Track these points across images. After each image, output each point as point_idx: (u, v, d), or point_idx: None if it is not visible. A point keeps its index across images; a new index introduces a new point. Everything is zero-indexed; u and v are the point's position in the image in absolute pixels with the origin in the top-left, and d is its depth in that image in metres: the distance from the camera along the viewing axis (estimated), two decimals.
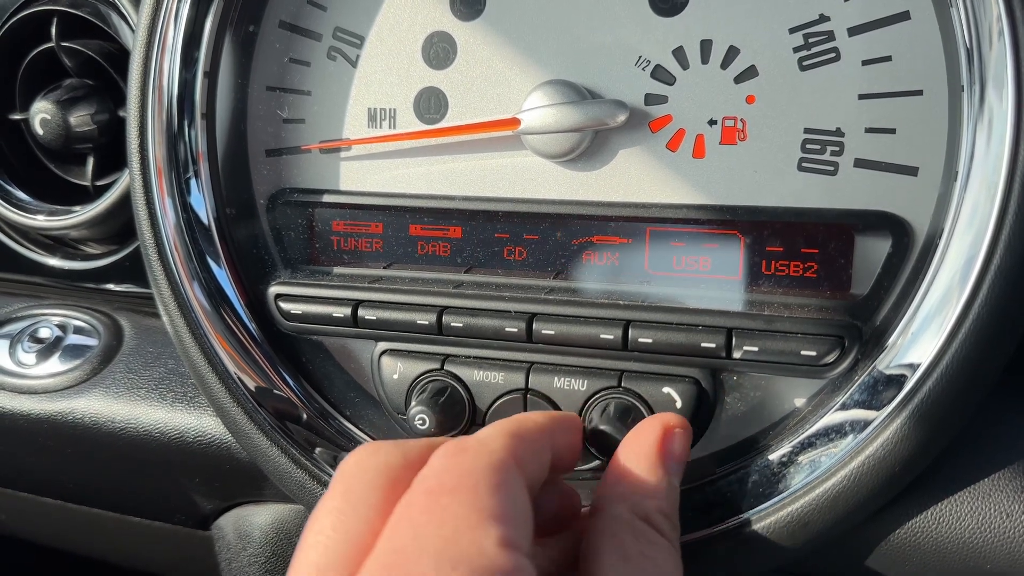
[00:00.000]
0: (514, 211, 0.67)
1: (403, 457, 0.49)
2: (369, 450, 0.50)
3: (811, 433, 0.59)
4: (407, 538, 0.42)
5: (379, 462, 0.48)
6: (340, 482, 0.48)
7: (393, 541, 0.42)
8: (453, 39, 0.68)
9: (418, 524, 0.42)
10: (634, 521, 0.50)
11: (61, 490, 0.96)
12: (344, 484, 0.48)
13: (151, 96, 0.70)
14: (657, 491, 0.53)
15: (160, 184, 0.70)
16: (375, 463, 0.48)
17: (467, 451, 0.46)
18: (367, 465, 0.48)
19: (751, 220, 0.62)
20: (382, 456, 0.49)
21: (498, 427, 0.51)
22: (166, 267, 0.71)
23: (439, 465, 0.46)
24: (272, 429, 0.71)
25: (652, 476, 0.53)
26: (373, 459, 0.48)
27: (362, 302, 0.67)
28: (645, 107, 0.64)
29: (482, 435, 0.50)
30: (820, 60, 0.60)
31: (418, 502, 0.44)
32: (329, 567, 0.44)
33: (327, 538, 0.45)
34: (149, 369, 0.87)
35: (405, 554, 0.41)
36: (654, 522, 0.50)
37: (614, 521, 0.50)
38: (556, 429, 0.54)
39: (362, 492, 0.47)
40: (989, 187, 0.54)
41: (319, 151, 0.72)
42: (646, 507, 0.51)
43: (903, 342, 0.56)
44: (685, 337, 0.60)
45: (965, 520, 0.59)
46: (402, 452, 0.49)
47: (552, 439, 0.53)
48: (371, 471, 0.48)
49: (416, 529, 0.42)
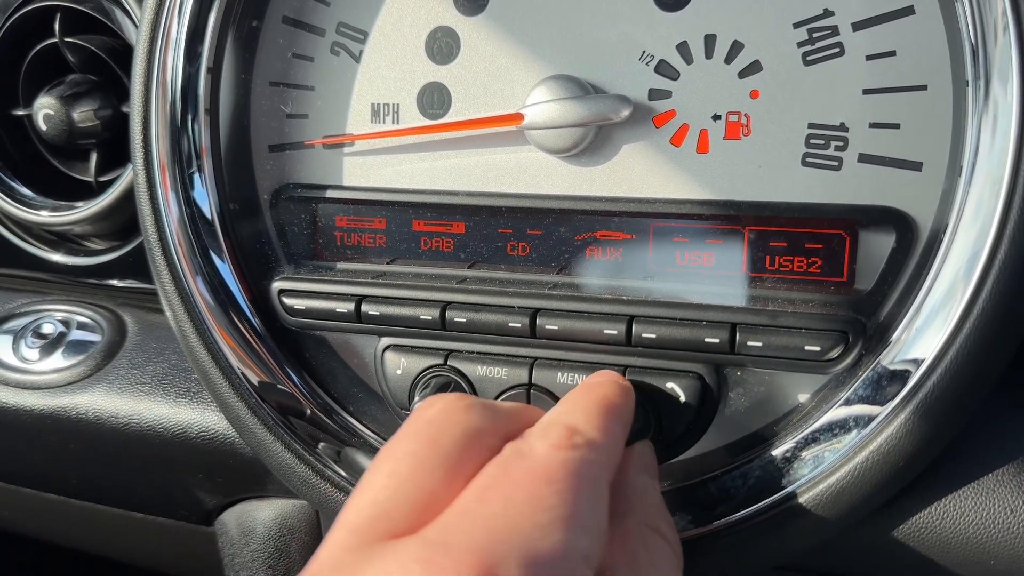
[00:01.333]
0: (517, 206, 0.67)
1: (492, 421, 0.47)
2: (457, 402, 0.48)
3: (815, 428, 0.59)
4: (498, 511, 0.40)
5: (469, 418, 0.46)
6: (424, 428, 0.46)
7: (482, 506, 0.40)
8: (456, 34, 0.68)
9: (514, 502, 0.40)
10: (646, 532, 0.49)
11: (64, 486, 0.96)
12: (428, 431, 0.45)
13: (154, 91, 0.70)
14: (659, 499, 0.53)
15: (163, 179, 0.70)
16: (464, 419, 0.46)
17: (579, 448, 0.45)
18: (456, 418, 0.46)
19: (755, 215, 0.62)
20: (473, 413, 0.47)
21: (604, 419, 0.50)
22: (169, 262, 0.71)
23: (547, 452, 0.44)
24: (275, 424, 0.71)
25: (654, 486, 0.54)
26: (462, 414, 0.47)
27: (365, 297, 0.67)
28: (649, 102, 0.64)
29: (588, 428, 0.48)
30: (824, 55, 0.60)
31: (519, 479, 0.42)
32: (396, 511, 0.41)
33: (400, 481, 0.43)
34: (152, 365, 0.87)
35: (493, 527, 0.39)
36: (662, 530, 0.50)
37: (629, 536, 0.49)
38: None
39: (447, 444, 0.45)
40: (994, 182, 0.53)
41: (322, 146, 0.72)
42: (653, 516, 0.51)
43: (907, 337, 0.56)
44: (689, 332, 0.60)
45: (969, 516, 0.59)
46: (491, 415, 0.48)
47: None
48: (459, 425, 0.46)
49: (510, 506, 0.40)
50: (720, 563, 0.61)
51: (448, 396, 0.49)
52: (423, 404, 0.49)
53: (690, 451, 0.63)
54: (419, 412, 0.48)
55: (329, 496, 0.71)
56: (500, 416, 0.48)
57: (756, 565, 0.62)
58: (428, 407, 0.48)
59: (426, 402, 0.49)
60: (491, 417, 0.48)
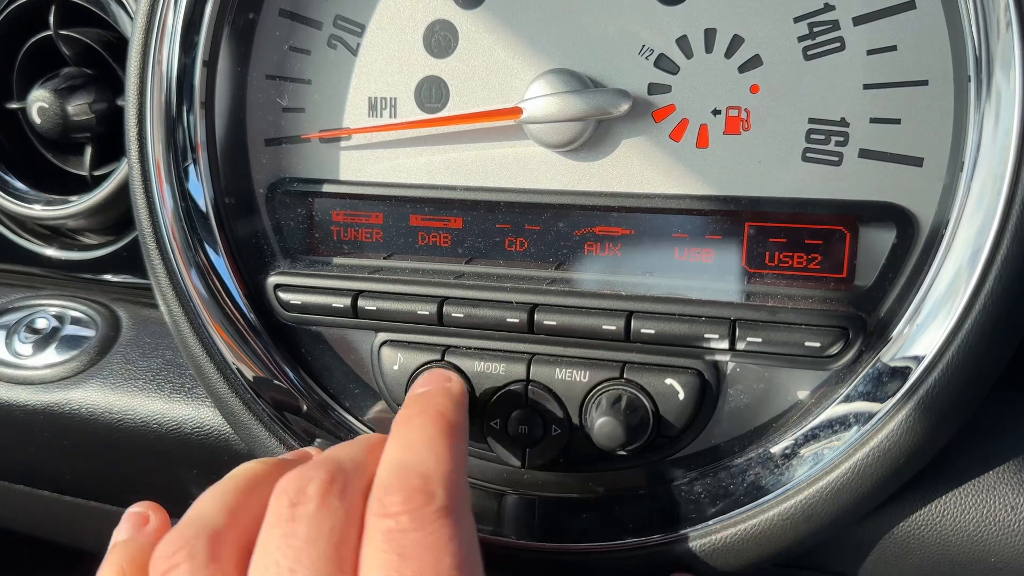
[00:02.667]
0: (515, 201, 0.67)
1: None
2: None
3: (814, 425, 0.59)
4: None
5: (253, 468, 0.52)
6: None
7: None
8: (455, 27, 0.67)
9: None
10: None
11: (57, 482, 0.96)
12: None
13: (150, 84, 0.69)
14: None
15: (158, 172, 0.70)
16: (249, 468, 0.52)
17: (439, 517, 0.46)
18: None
19: (754, 210, 0.62)
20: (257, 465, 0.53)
21: (449, 448, 0.50)
22: (164, 256, 0.71)
23: (417, 538, 0.45)
24: (271, 420, 0.71)
25: None
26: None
27: (362, 292, 0.66)
28: (648, 96, 0.63)
29: (438, 474, 0.48)
30: (825, 49, 0.60)
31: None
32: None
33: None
34: (147, 360, 0.86)
35: None
36: None
37: None
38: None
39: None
40: (995, 178, 0.53)
41: (319, 140, 0.72)
42: None
43: (908, 334, 0.56)
44: (688, 328, 0.59)
45: (969, 513, 0.59)
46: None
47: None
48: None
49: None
50: (719, 560, 0.61)
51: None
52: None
53: (688, 447, 0.63)
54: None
55: None
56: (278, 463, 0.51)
57: (755, 563, 0.61)
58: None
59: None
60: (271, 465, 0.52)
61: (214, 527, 0.48)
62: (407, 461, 0.49)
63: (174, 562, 0.47)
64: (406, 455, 0.49)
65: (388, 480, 0.47)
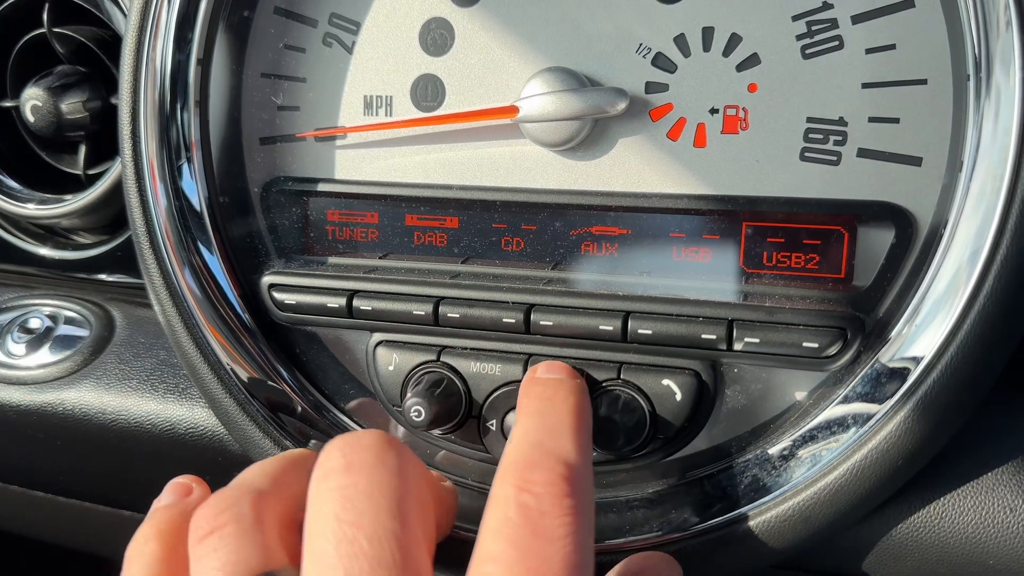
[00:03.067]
0: (512, 200, 0.66)
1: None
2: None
3: (812, 426, 0.58)
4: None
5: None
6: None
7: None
8: (451, 25, 0.67)
9: None
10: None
11: (50, 483, 0.95)
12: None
13: (143, 81, 0.69)
14: None
15: (152, 171, 0.69)
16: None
17: (581, 511, 0.44)
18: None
19: (752, 210, 0.61)
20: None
21: (582, 439, 0.49)
22: (158, 255, 0.70)
23: (556, 526, 0.43)
24: (265, 421, 0.70)
25: None
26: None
27: (357, 292, 0.66)
28: (646, 95, 0.63)
29: (578, 459, 0.47)
30: (823, 48, 0.59)
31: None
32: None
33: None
34: (141, 360, 0.86)
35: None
36: None
37: None
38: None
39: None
40: (995, 177, 0.53)
41: (314, 139, 0.71)
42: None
43: (906, 334, 0.56)
44: (685, 328, 0.59)
45: (968, 515, 0.58)
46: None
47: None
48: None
49: None
50: (716, 562, 0.60)
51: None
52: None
53: (686, 449, 0.62)
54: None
55: None
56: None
57: (753, 564, 0.61)
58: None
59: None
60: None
61: (258, 489, 0.47)
62: (546, 443, 0.47)
63: (219, 522, 0.45)
64: (545, 437, 0.48)
65: (529, 455, 0.46)
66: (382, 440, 0.46)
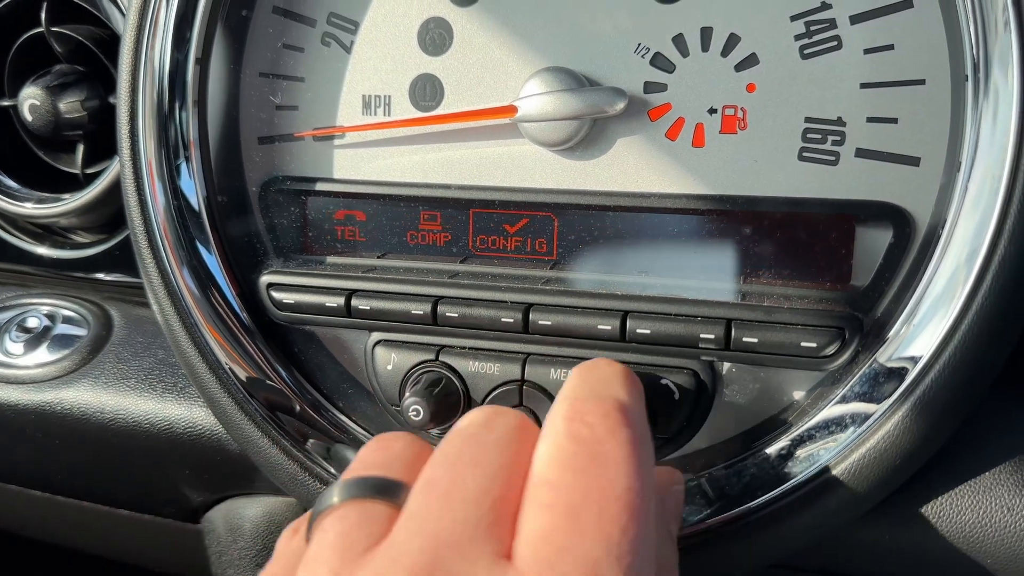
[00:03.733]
0: (510, 200, 0.66)
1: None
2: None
3: (810, 426, 0.58)
4: (592, 542, 0.38)
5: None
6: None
7: (574, 527, 0.39)
8: (449, 25, 0.67)
9: (600, 525, 0.38)
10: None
11: (48, 482, 0.95)
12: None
13: (142, 80, 0.69)
14: (675, 560, 0.51)
15: (150, 170, 0.69)
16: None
17: (639, 440, 0.43)
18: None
19: (751, 210, 0.61)
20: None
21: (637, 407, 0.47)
22: (156, 254, 0.70)
23: (616, 447, 0.42)
24: (263, 420, 0.70)
25: (673, 547, 0.52)
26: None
27: (356, 292, 0.66)
28: (644, 95, 0.63)
29: (636, 408, 0.45)
30: (822, 48, 0.59)
31: (601, 493, 0.40)
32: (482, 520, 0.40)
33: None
34: (139, 359, 0.85)
35: (591, 557, 0.37)
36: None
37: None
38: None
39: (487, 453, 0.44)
40: (993, 177, 0.53)
41: (312, 139, 0.71)
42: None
43: (904, 334, 0.56)
44: (684, 328, 0.59)
45: (966, 514, 0.58)
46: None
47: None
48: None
49: (599, 532, 0.38)
50: (715, 562, 0.60)
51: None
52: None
53: (684, 448, 0.62)
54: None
55: (318, 493, 0.70)
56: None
57: (751, 564, 0.61)
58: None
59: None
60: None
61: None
62: (600, 391, 0.46)
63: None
64: (599, 386, 0.47)
65: (585, 394, 0.45)
66: (515, 415, 0.46)
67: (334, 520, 0.42)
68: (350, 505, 0.43)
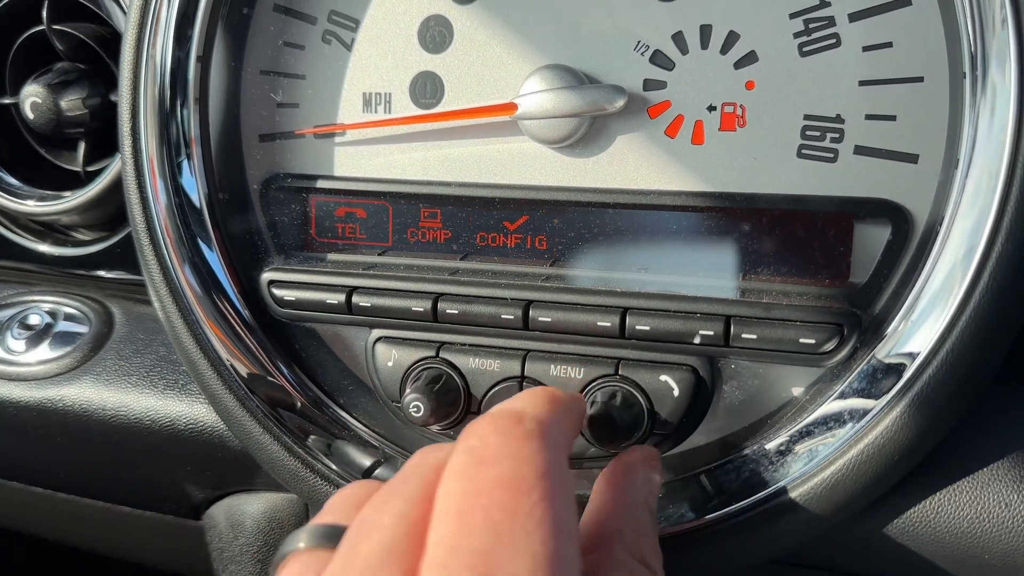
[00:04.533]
0: (510, 197, 0.66)
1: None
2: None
3: (809, 422, 0.59)
4: (488, 545, 0.38)
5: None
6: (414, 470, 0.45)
7: (469, 540, 0.38)
8: (450, 23, 0.67)
9: (500, 528, 0.38)
10: (632, 563, 0.48)
11: (50, 479, 0.95)
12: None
13: (143, 78, 0.69)
14: (648, 528, 0.51)
15: (152, 167, 0.69)
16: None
17: (533, 435, 0.43)
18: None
19: (750, 207, 0.61)
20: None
21: (548, 399, 0.47)
22: (157, 252, 0.70)
23: (503, 447, 0.42)
24: (265, 417, 0.70)
25: (644, 513, 0.52)
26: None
27: (356, 289, 0.66)
28: (644, 93, 0.63)
29: (533, 407, 0.45)
30: (821, 46, 0.60)
31: (493, 495, 0.40)
32: (402, 554, 0.40)
33: (408, 522, 0.41)
34: (140, 356, 0.86)
35: (490, 565, 0.37)
36: (648, 562, 0.49)
37: (615, 564, 0.47)
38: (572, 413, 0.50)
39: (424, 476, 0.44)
40: (991, 175, 0.53)
41: (313, 136, 0.72)
42: (642, 547, 0.49)
43: (903, 330, 0.56)
44: (683, 325, 0.59)
45: (964, 510, 0.58)
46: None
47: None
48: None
49: (498, 534, 0.38)
50: (714, 557, 0.61)
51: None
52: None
53: (683, 444, 0.62)
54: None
55: (319, 489, 0.70)
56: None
57: (750, 559, 0.61)
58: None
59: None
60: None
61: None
62: (499, 410, 0.46)
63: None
64: (501, 407, 0.47)
65: (484, 416, 0.45)
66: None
67: (284, 566, 0.45)
68: (301, 552, 0.45)
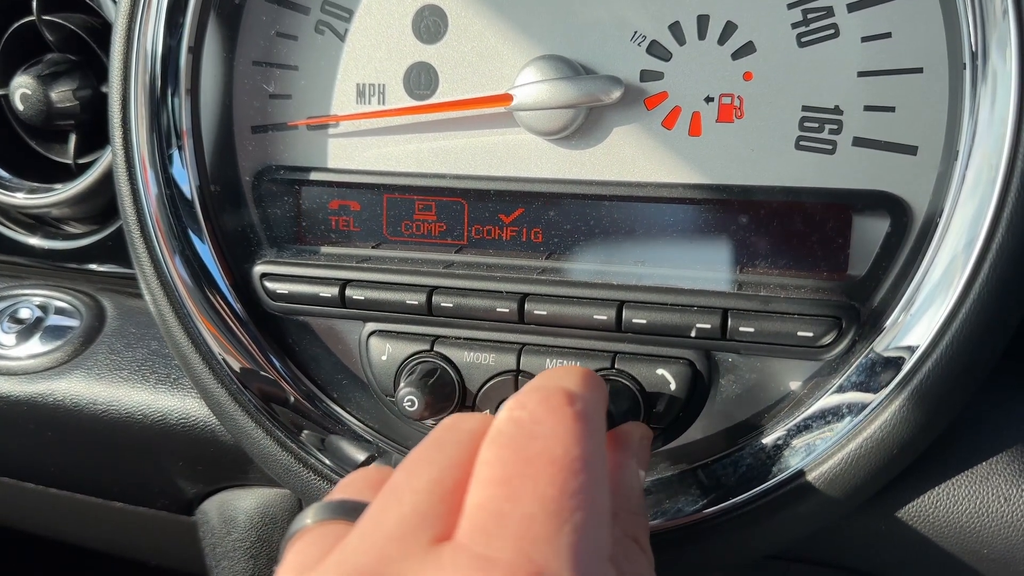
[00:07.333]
0: (506, 189, 0.66)
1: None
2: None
3: (807, 416, 0.58)
4: (534, 512, 0.38)
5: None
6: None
7: (514, 507, 0.39)
8: (444, 13, 0.67)
9: (546, 500, 0.39)
10: (626, 542, 0.48)
11: (41, 475, 0.95)
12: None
13: (134, 69, 0.68)
14: (640, 506, 0.51)
15: (143, 159, 0.69)
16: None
17: (582, 417, 0.43)
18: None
19: (747, 199, 0.61)
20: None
21: (589, 382, 0.47)
22: (148, 244, 0.69)
23: (555, 425, 0.42)
24: (257, 411, 0.70)
25: (636, 493, 0.52)
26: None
27: (350, 282, 0.66)
28: (640, 84, 0.63)
29: (579, 389, 0.46)
30: (819, 36, 0.59)
31: (541, 469, 0.40)
32: (436, 517, 0.40)
33: (444, 488, 0.42)
34: (132, 350, 0.85)
35: (534, 533, 0.38)
36: (640, 541, 0.49)
37: (613, 544, 0.47)
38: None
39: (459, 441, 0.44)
40: (990, 166, 0.53)
41: (306, 128, 0.71)
42: (635, 526, 0.49)
43: (901, 323, 0.55)
44: (680, 318, 0.59)
45: (963, 504, 0.58)
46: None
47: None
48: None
49: (544, 506, 0.39)
50: (711, 552, 0.60)
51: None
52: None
53: (680, 438, 0.62)
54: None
55: (312, 484, 0.70)
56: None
57: (747, 554, 0.61)
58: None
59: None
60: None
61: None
62: (546, 383, 0.46)
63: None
64: (547, 381, 0.47)
65: (530, 388, 0.45)
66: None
67: (295, 541, 0.45)
68: (313, 527, 0.45)
